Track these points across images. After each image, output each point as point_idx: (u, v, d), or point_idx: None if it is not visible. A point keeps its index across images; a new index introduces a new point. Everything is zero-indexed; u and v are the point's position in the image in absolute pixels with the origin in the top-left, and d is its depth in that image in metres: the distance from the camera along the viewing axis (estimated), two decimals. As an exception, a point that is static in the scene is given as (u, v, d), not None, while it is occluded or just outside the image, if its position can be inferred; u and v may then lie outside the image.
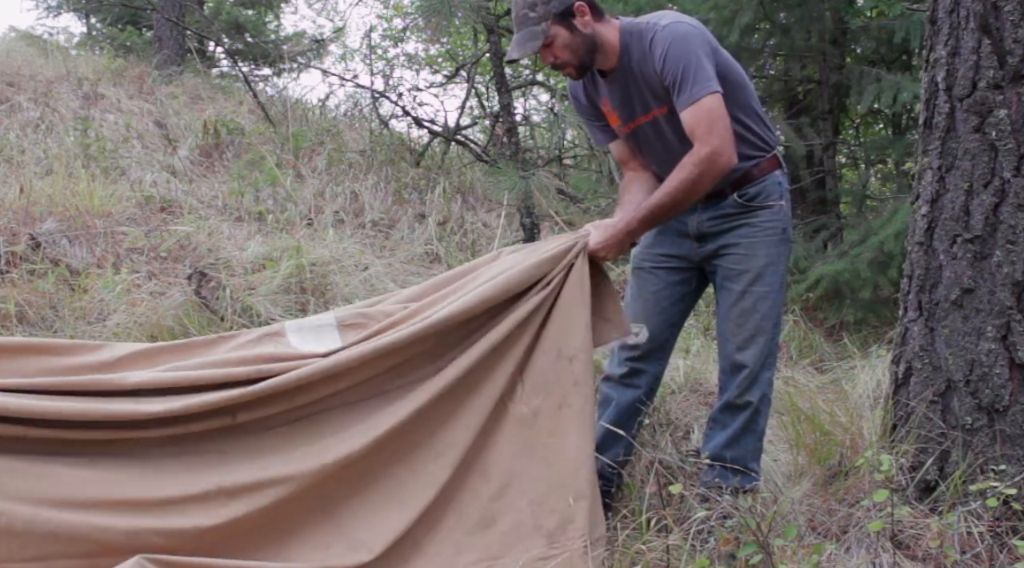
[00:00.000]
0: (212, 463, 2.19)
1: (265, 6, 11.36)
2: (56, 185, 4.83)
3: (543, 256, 2.48)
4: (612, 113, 2.72)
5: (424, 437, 2.34)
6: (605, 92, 2.71)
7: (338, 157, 6.62)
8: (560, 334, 2.41)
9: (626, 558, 2.19)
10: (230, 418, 2.21)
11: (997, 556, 2.10)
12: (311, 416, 2.29)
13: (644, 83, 2.61)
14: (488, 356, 2.39)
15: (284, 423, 2.27)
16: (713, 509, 2.25)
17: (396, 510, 2.26)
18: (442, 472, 2.31)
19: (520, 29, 2.59)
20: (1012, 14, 2.30)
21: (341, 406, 2.32)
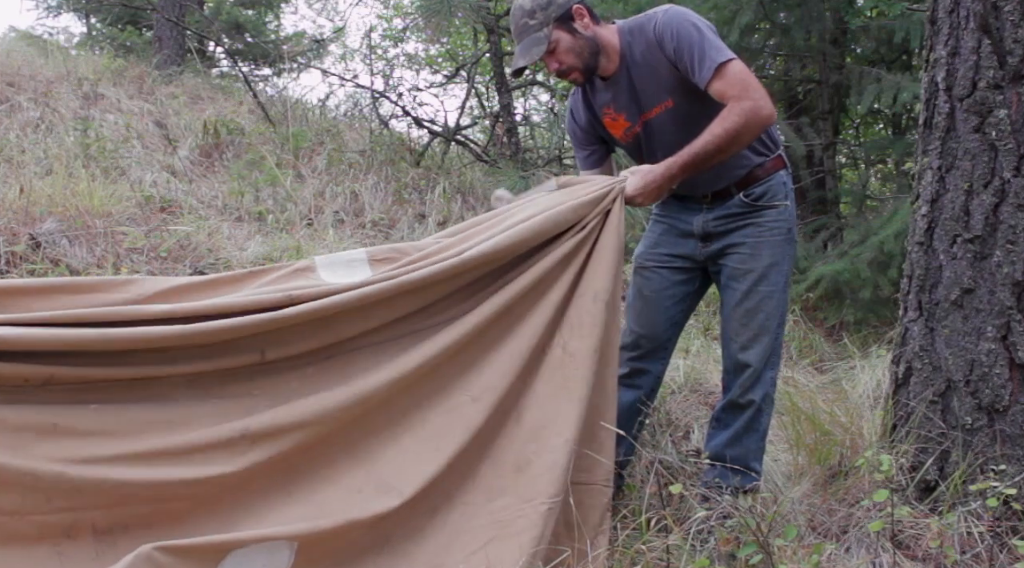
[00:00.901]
0: (239, 407, 2.17)
1: (265, 6, 11.37)
2: (56, 185, 4.82)
3: (580, 200, 2.46)
4: (618, 118, 2.71)
5: (459, 380, 2.31)
6: (608, 98, 2.70)
7: (338, 157, 6.62)
8: (595, 277, 2.41)
9: (626, 558, 2.19)
10: (259, 355, 2.18)
11: (997, 556, 2.10)
12: (341, 355, 2.26)
13: (652, 75, 2.60)
14: (524, 298, 2.38)
15: (314, 362, 2.24)
16: (713, 509, 2.25)
17: (429, 454, 2.23)
18: (478, 416, 2.27)
19: (521, 39, 2.58)
20: (1012, 14, 2.30)
21: (371, 346, 2.28)
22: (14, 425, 2.00)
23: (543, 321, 2.37)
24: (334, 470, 2.21)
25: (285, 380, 2.22)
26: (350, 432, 2.23)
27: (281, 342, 2.20)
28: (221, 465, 2.09)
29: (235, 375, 2.19)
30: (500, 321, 2.36)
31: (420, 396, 2.29)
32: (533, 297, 2.39)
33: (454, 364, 2.32)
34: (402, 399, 2.28)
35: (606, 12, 5.78)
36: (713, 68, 2.42)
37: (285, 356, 2.22)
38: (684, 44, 2.48)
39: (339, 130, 7.59)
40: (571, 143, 2.89)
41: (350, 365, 2.27)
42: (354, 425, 2.23)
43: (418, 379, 2.28)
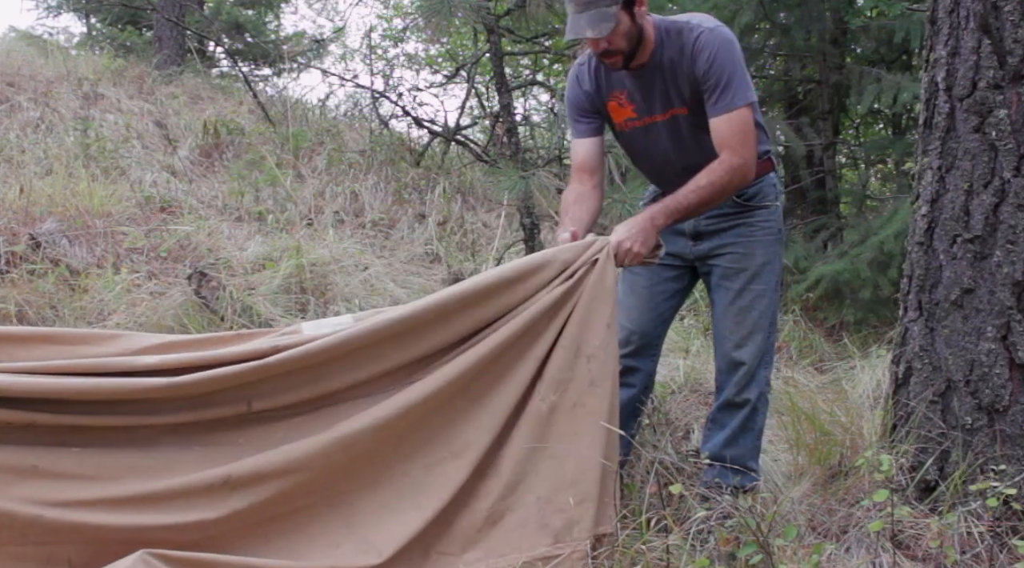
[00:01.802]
0: (222, 455, 2.18)
1: (265, 6, 11.37)
2: (56, 185, 4.82)
3: (563, 248, 2.47)
4: (625, 107, 2.69)
5: (443, 434, 2.31)
6: (625, 85, 2.67)
7: (338, 157, 6.62)
8: (581, 331, 2.38)
9: (626, 558, 2.19)
10: (245, 405, 2.19)
11: (997, 556, 2.10)
12: (328, 407, 2.27)
13: (673, 81, 2.61)
14: (510, 350, 2.36)
15: (301, 413, 2.25)
16: (713, 509, 2.25)
17: (409, 511, 2.24)
18: (459, 473, 2.28)
19: (587, 10, 2.52)
20: (1012, 14, 2.30)
21: (359, 398, 2.29)
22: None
23: (527, 376, 2.37)
24: (314, 521, 2.22)
25: (271, 430, 2.23)
26: (333, 481, 2.23)
27: (268, 393, 2.21)
28: (202, 511, 2.10)
29: (221, 424, 2.20)
30: (485, 374, 2.35)
31: (404, 449, 2.29)
32: (519, 350, 2.38)
33: (439, 417, 2.32)
34: (386, 451, 2.28)
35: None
36: (729, 107, 2.50)
37: (272, 407, 2.22)
38: (716, 69, 2.52)
39: (339, 130, 7.59)
40: (569, 113, 2.79)
41: (335, 415, 2.27)
42: (337, 474, 2.23)
43: (403, 431, 2.28)
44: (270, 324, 3.87)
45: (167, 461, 2.14)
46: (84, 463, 2.08)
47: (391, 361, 2.30)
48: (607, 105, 2.73)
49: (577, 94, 2.75)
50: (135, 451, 2.13)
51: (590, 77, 2.73)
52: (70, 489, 2.05)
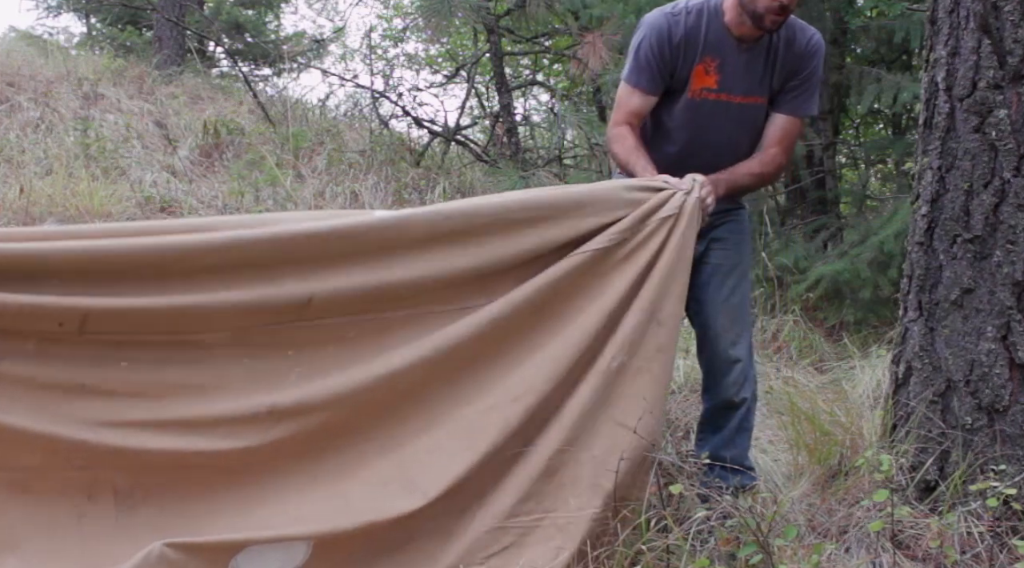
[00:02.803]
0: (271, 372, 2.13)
1: (265, 6, 11.37)
2: (56, 185, 4.83)
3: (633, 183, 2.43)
4: (710, 75, 2.59)
5: (501, 379, 2.26)
6: (721, 54, 2.58)
7: (338, 157, 6.62)
8: (659, 297, 2.34)
9: (626, 558, 2.19)
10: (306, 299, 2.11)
11: (997, 556, 2.10)
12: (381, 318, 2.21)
13: (772, 68, 2.60)
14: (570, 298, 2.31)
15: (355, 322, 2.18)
16: (713, 509, 2.25)
17: (462, 453, 2.18)
18: (515, 418, 2.22)
19: None
20: (1012, 14, 2.30)
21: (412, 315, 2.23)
22: (42, 384, 1.98)
23: (593, 330, 2.30)
24: (362, 458, 2.18)
25: (322, 344, 2.17)
26: (381, 418, 2.19)
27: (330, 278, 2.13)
28: (245, 439, 2.07)
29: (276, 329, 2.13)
30: (544, 319, 2.30)
31: (458, 389, 2.25)
32: (581, 301, 2.32)
33: (495, 361, 2.27)
34: (438, 389, 2.23)
35: (605, 12, 5.78)
36: (801, 113, 2.66)
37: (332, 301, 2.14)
38: (814, 74, 2.64)
39: (339, 130, 7.59)
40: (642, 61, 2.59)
41: (387, 333, 2.21)
42: (386, 411, 2.19)
43: (456, 369, 2.23)
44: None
45: (216, 377, 2.10)
46: (132, 380, 2.04)
47: (452, 263, 2.24)
48: (693, 67, 2.59)
49: (663, 46, 2.57)
50: (184, 367, 2.09)
51: (685, 31, 2.58)
52: (116, 409, 2.02)
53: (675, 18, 2.59)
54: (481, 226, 2.27)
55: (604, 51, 5.58)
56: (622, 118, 2.65)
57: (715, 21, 2.57)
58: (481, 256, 2.26)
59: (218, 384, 2.10)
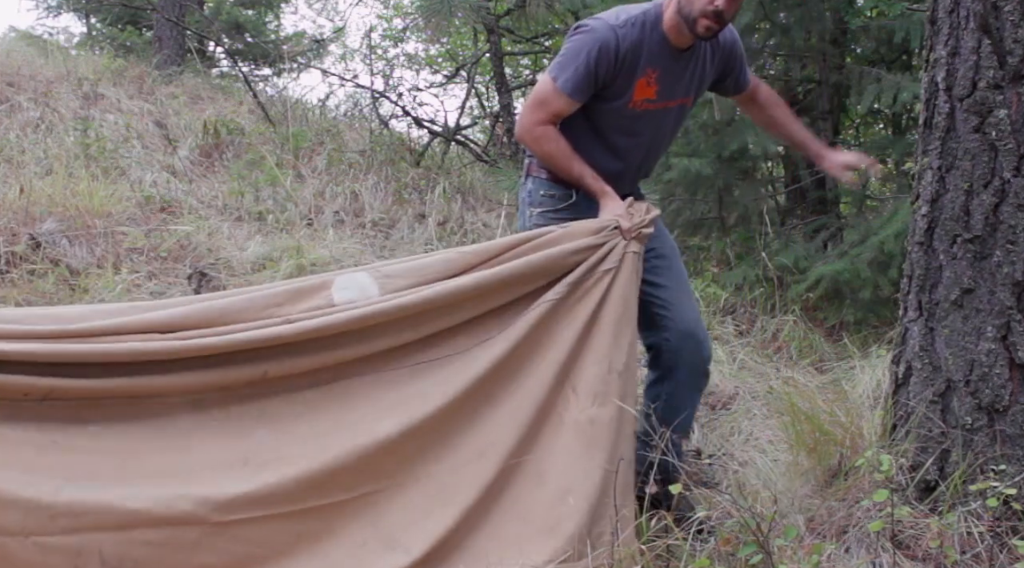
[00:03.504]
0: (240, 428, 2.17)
1: (265, 6, 11.37)
2: (56, 185, 4.83)
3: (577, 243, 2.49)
4: (651, 86, 2.67)
5: (462, 435, 2.32)
6: (660, 65, 2.64)
7: (338, 157, 6.62)
8: (611, 348, 2.43)
9: (627, 558, 2.19)
10: (261, 372, 2.18)
11: (997, 556, 2.10)
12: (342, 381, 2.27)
13: (702, 69, 2.74)
14: (522, 352, 2.39)
15: (316, 385, 2.25)
16: (713, 509, 2.25)
17: (438, 509, 2.24)
18: (485, 472, 2.29)
19: None
20: (1012, 14, 2.29)
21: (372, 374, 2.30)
22: (14, 441, 1.98)
23: (549, 381, 2.39)
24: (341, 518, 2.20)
25: (288, 403, 2.23)
26: (355, 477, 2.22)
27: (283, 358, 2.21)
28: (225, 486, 2.09)
29: (236, 395, 2.19)
30: (503, 374, 2.37)
31: (426, 449, 2.30)
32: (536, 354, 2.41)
33: (458, 418, 2.33)
34: (408, 449, 2.28)
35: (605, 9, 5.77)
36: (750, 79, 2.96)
37: (287, 374, 2.22)
38: (741, 51, 2.86)
39: (339, 130, 7.59)
40: (582, 70, 2.58)
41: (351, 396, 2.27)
42: (359, 470, 2.22)
43: (422, 432, 2.28)
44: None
45: (184, 435, 2.13)
46: (102, 441, 2.06)
47: (405, 337, 2.33)
48: (635, 80, 2.63)
49: (608, 61, 2.59)
50: (152, 427, 2.11)
51: (629, 46, 2.60)
52: (90, 465, 2.03)
53: (622, 31, 2.60)
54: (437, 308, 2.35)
55: (604, 51, 5.56)
56: (546, 118, 2.65)
57: (655, 32, 2.62)
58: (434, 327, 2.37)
59: (187, 441, 2.14)
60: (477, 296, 2.38)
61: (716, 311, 5.02)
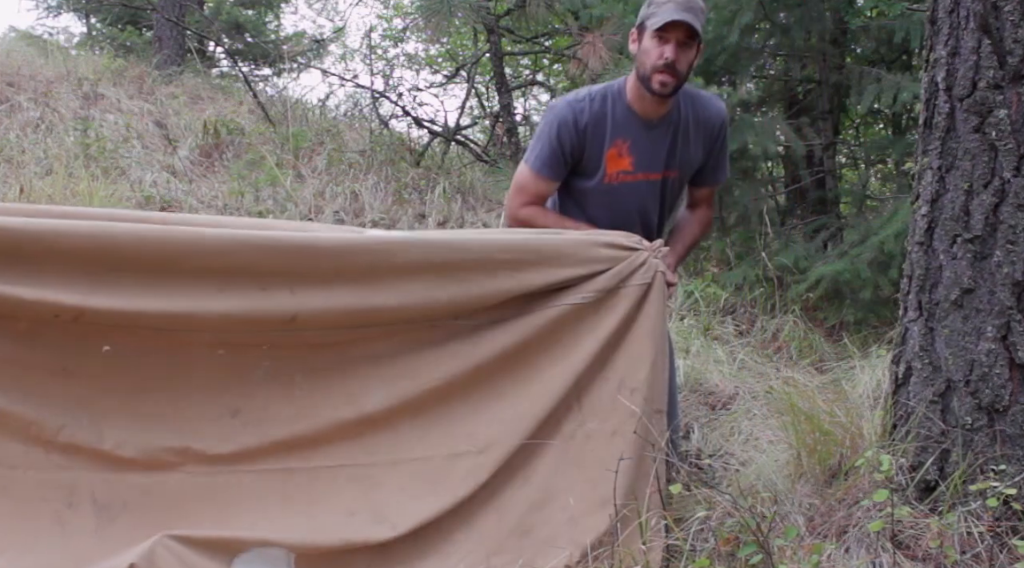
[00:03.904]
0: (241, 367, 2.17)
1: (265, 6, 11.37)
2: (56, 185, 4.83)
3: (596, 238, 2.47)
4: (624, 158, 2.66)
5: (463, 424, 2.31)
6: (631, 135, 2.65)
7: (338, 157, 6.62)
8: (628, 365, 2.39)
9: (627, 558, 2.19)
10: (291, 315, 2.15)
11: (997, 556, 2.10)
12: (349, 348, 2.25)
13: (686, 143, 2.70)
14: (537, 350, 2.36)
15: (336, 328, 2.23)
16: (713, 509, 2.25)
17: (428, 497, 2.23)
18: (482, 471, 2.27)
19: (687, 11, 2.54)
20: (1012, 14, 2.29)
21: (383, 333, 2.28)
22: (27, 364, 2.01)
23: (560, 391, 2.35)
24: (333, 482, 2.21)
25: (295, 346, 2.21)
26: (349, 443, 2.23)
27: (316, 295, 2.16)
28: (211, 441, 2.11)
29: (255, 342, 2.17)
30: (511, 368, 2.34)
31: (424, 427, 2.29)
32: (550, 357, 2.36)
33: (461, 405, 2.31)
34: (406, 424, 2.27)
35: (605, 12, 5.78)
36: (719, 181, 2.87)
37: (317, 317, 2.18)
38: (726, 148, 2.81)
39: (339, 130, 7.59)
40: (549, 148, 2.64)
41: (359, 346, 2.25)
42: (354, 437, 2.23)
43: (423, 404, 2.28)
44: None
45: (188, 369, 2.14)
46: (110, 366, 2.07)
47: (433, 294, 2.28)
48: (605, 151, 2.65)
49: (570, 136, 2.64)
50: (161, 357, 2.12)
51: (591, 117, 2.63)
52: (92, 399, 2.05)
53: (579, 105, 2.65)
54: (463, 262, 2.31)
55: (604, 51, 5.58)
56: (528, 200, 2.70)
57: (619, 103, 2.65)
58: (460, 291, 2.30)
59: (187, 374, 2.14)
60: (507, 261, 2.32)
61: (716, 311, 5.02)
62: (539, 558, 2.24)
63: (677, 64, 2.53)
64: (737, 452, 3.33)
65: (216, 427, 2.13)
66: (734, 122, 5.34)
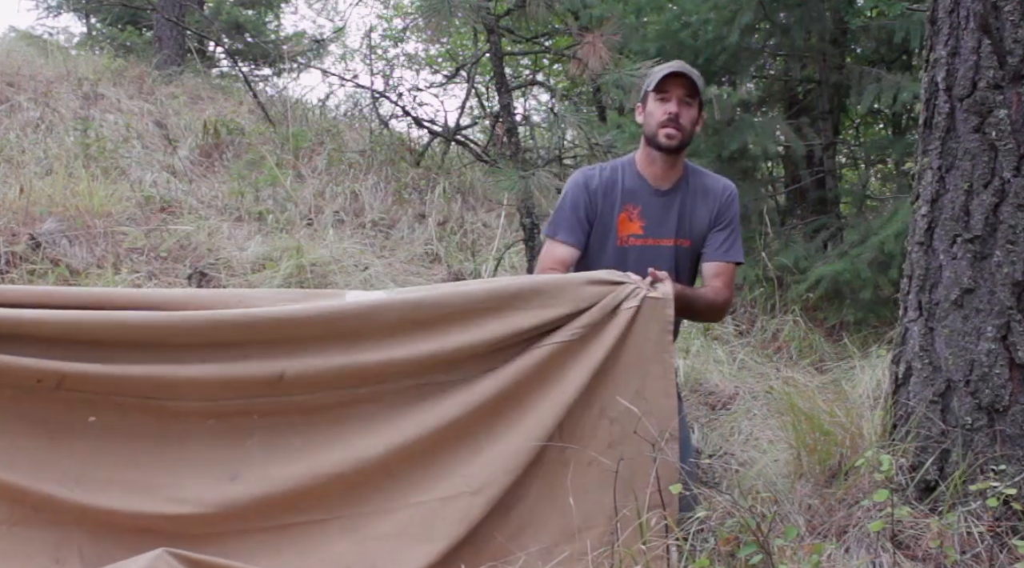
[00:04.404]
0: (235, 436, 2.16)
1: (265, 6, 11.36)
2: (56, 185, 4.83)
3: (587, 276, 2.45)
4: (634, 222, 2.77)
5: (456, 465, 2.29)
6: (642, 201, 2.77)
7: (338, 157, 6.62)
8: (610, 393, 2.36)
9: (626, 558, 2.19)
10: (279, 372, 2.14)
11: (997, 556, 2.10)
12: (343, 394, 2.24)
13: (695, 213, 2.79)
14: (529, 388, 2.34)
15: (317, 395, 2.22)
16: (713, 509, 2.25)
17: (423, 545, 2.21)
18: (476, 511, 2.25)
19: (681, 68, 2.75)
20: (1012, 14, 2.30)
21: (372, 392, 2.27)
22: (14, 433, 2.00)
23: (550, 423, 2.33)
24: (324, 535, 2.20)
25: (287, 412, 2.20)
26: (344, 494, 2.22)
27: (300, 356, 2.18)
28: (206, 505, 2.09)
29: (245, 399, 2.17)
30: (505, 409, 2.33)
31: (418, 473, 2.27)
32: (542, 394, 2.35)
33: (457, 447, 2.29)
34: (399, 471, 2.25)
35: (605, 12, 5.78)
36: (727, 258, 2.80)
37: (303, 375, 2.18)
38: (734, 223, 2.83)
39: (339, 130, 7.59)
40: (566, 214, 2.79)
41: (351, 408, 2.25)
42: (348, 488, 2.22)
43: (417, 452, 2.26)
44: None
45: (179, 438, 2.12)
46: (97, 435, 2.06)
47: (420, 347, 2.28)
48: (616, 215, 2.78)
49: (583, 196, 2.79)
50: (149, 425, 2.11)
51: (602, 182, 2.79)
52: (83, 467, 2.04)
53: (591, 171, 2.85)
54: (449, 315, 2.31)
55: (604, 51, 5.57)
56: (548, 266, 2.79)
57: (629, 171, 2.82)
58: (447, 342, 2.30)
59: (181, 445, 2.13)
60: (491, 308, 2.33)
61: (716, 311, 4.99)
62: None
63: (680, 118, 2.71)
64: (737, 452, 3.33)
65: (216, 492, 2.11)
66: (734, 122, 5.35)
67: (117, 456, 2.08)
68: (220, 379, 2.13)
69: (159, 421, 2.12)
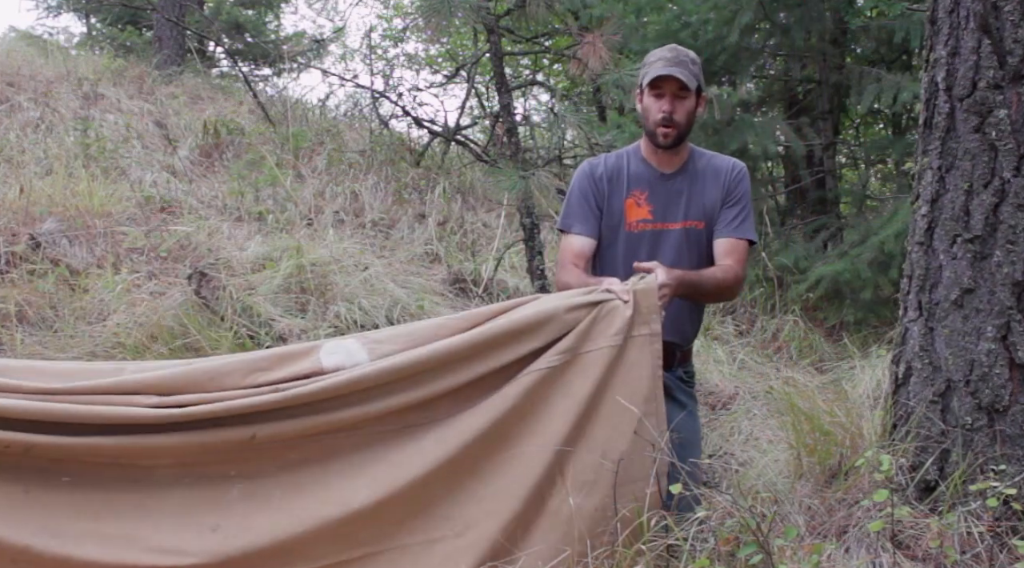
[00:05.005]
0: (213, 491, 2.15)
1: (265, 6, 11.37)
2: (56, 185, 4.83)
3: (572, 301, 2.41)
4: (641, 207, 2.77)
5: (442, 506, 2.27)
6: (648, 187, 2.78)
7: (338, 157, 6.62)
8: (609, 435, 2.34)
9: (626, 558, 2.19)
10: (250, 435, 2.15)
11: (997, 556, 2.10)
12: (323, 444, 2.24)
13: (702, 194, 2.78)
14: (513, 422, 2.32)
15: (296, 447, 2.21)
16: (713, 509, 2.25)
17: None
18: (463, 557, 2.23)
19: (678, 67, 2.72)
20: (1012, 14, 2.29)
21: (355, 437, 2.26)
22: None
23: (539, 464, 2.30)
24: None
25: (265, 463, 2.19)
26: (335, 544, 2.20)
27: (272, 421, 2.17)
28: (191, 556, 2.07)
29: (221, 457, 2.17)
30: (485, 444, 2.30)
31: (404, 518, 2.25)
32: (521, 424, 2.32)
33: (439, 487, 2.27)
34: (384, 517, 2.24)
35: (605, 12, 5.78)
36: (739, 235, 2.78)
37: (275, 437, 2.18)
38: (744, 201, 2.82)
39: (339, 130, 7.59)
40: (575, 204, 2.81)
41: (331, 457, 2.23)
42: (341, 538, 2.20)
43: (403, 499, 2.24)
44: (270, 324, 3.87)
45: (157, 495, 2.12)
46: (74, 494, 2.06)
47: (397, 399, 2.27)
48: (624, 201, 2.79)
49: (590, 185, 2.81)
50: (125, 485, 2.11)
51: (608, 169, 2.81)
52: (59, 522, 2.03)
53: (596, 160, 2.89)
54: (429, 370, 2.29)
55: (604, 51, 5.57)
56: (567, 260, 2.79)
57: (634, 158, 2.84)
58: (423, 391, 2.29)
59: (160, 498, 2.12)
60: (469, 355, 2.30)
61: (716, 311, 5.02)
62: None
63: (675, 115, 2.71)
64: (737, 452, 3.33)
65: (198, 542, 2.10)
66: (734, 122, 5.35)
67: (94, 509, 2.07)
68: (191, 445, 2.14)
69: (135, 478, 2.12)
